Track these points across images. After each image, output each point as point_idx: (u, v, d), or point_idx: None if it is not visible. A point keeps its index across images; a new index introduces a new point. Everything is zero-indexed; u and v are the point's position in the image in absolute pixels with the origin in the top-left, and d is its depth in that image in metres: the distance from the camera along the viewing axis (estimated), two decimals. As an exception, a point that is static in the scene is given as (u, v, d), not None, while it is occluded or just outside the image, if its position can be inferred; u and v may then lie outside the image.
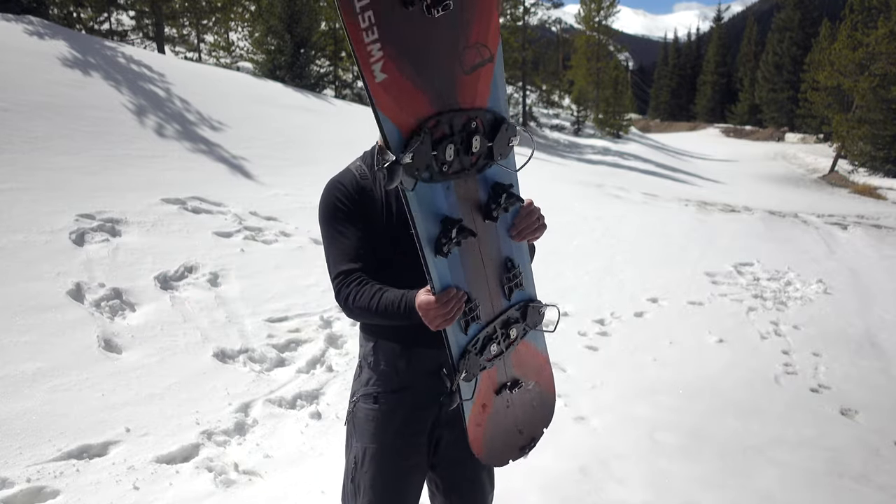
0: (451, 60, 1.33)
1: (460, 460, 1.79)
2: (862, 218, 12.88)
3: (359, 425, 1.77)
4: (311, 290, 5.17)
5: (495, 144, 1.42)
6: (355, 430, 1.78)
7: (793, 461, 3.45)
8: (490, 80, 1.39)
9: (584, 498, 2.99)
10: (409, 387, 1.73)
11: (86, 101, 7.75)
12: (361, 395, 1.77)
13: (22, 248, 4.52)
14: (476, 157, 1.42)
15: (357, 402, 1.78)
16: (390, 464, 1.72)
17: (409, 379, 1.72)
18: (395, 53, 1.25)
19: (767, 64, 44.82)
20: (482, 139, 1.40)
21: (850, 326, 5.81)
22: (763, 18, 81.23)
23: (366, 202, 1.65)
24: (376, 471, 1.72)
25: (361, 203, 1.65)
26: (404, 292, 1.53)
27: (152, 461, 2.95)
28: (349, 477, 1.79)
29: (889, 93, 22.17)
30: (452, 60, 1.33)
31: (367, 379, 1.77)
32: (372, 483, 1.72)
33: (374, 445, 1.73)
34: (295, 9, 16.95)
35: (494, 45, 1.37)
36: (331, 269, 1.66)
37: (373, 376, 1.76)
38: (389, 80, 1.26)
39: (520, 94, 31.69)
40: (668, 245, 8.64)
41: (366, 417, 1.75)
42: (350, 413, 1.81)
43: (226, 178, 7.45)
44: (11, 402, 3.13)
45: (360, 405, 1.77)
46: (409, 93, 1.29)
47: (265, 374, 3.92)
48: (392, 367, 1.73)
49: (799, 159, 28.13)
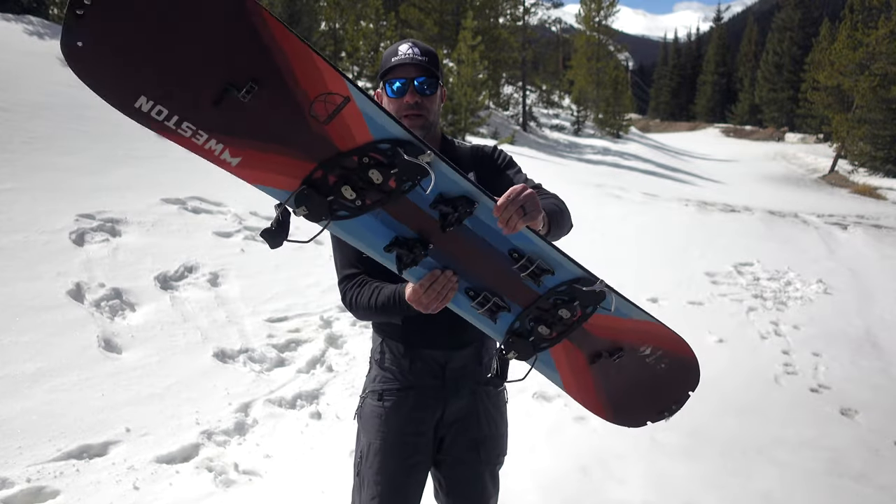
0: (300, 121, 1.30)
1: (463, 460, 1.81)
2: (862, 218, 12.88)
3: (365, 421, 1.82)
4: (311, 290, 5.17)
5: (400, 169, 1.36)
6: (362, 425, 1.83)
7: (793, 461, 3.45)
8: (360, 117, 1.33)
9: (584, 498, 2.99)
10: (413, 386, 1.76)
11: (86, 101, 7.74)
12: (369, 392, 1.82)
13: (22, 248, 4.52)
14: (394, 183, 1.37)
15: (365, 398, 1.84)
16: (392, 460, 1.75)
17: (413, 378, 1.76)
18: (234, 139, 1.29)
19: (767, 64, 44.82)
20: (381, 170, 1.35)
21: (850, 326, 5.81)
22: (763, 18, 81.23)
23: None
24: (379, 466, 1.76)
25: None
26: (396, 286, 1.60)
27: (152, 461, 2.95)
28: (356, 471, 1.84)
29: (889, 93, 22.16)
30: (301, 121, 1.30)
31: (375, 376, 1.82)
32: (375, 478, 1.76)
33: (378, 441, 1.77)
34: (295, 9, 16.96)
35: (340, 86, 1.29)
36: (337, 271, 1.76)
37: (380, 374, 1.81)
38: (246, 160, 1.31)
39: (520, 94, 31.68)
40: (668, 245, 8.64)
41: (371, 413, 1.80)
42: (358, 408, 1.86)
43: (226, 177, 7.38)
44: (11, 402, 3.13)
45: (368, 401, 1.82)
46: (275, 161, 1.32)
47: (265, 374, 3.92)
48: (397, 365, 1.77)
49: (799, 159, 28.13)
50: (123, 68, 1.21)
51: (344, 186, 1.35)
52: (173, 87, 1.23)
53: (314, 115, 1.30)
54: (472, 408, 1.80)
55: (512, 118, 30.32)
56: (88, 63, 1.19)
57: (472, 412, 1.80)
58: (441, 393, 1.76)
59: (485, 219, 1.47)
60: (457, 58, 19.68)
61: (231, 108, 1.25)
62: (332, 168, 1.34)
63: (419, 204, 1.43)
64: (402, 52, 1.65)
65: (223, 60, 1.23)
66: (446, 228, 1.44)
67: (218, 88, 1.23)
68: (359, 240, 1.45)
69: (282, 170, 1.33)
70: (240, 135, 1.29)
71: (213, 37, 1.21)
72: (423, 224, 1.45)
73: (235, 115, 1.27)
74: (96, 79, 1.22)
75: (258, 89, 1.24)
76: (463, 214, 1.43)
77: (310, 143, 1.32)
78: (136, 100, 1.24)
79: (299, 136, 1.31)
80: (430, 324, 1.66)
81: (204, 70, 1.23)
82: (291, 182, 1.34)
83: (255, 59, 1.24)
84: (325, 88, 1.29)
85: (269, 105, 1.27)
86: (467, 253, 1.51)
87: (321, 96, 1.29)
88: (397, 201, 1.41)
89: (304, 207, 1.34)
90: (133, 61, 1.20)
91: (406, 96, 1.64)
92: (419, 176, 1.38)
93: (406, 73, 1.64)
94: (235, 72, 1.23)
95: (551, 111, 37.40)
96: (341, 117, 1.32)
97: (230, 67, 1.23)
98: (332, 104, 1.30)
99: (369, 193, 1.38)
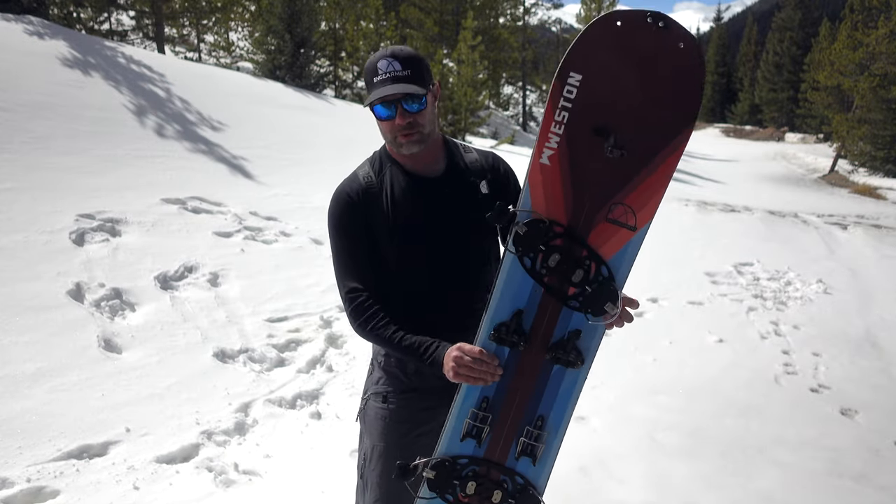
0: (601, 201, 1.47)
1: None
2: (862, 218, 12.88)
3: (369, 423, 1.81)
4: (311, 290, 5.17)
5: (590, 295, 1.50)
6: (365, 427, 1.83)
7: (793, 461, 3.45)
8: (622, 245, 1.50)
9: (584, 498, 2.98)
10: (418, 388, 1.76)
11: (86, 101, 7.75)
12: (372, 394, 1.81)
13: (22, 248, 4.52)
14: (573, 290, 1.51)
15: (368, 399, 1.83)
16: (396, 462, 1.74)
17: (417, 381, 1.76)
18: (565, 156, 1.45)
19: (767, 64, 44.81)
20: (584, 276, 1.49)
21: (850, 326, 5.80)
22: (763, 18, 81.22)
23: (373, 211, 1.67)
24: (383, 469, 1.76)
25: (368, 212, 1.67)
26: (434, 342, 1.58)
27: (152, 461, 2.95)
28: (359, 473, 1.84)
29: (889, 93, 22.13)
30: (602, 201, 1.47)
31: (378, 378, 1.81)
32: (379, 480, 1.77)
33: (382, 444, 1.77)
34: (295, 9, 16.92)
35: (643, 220, 1.48)
36: (340, 281, 1.69)
37: (383, 376, 1.80)
38: (549, 169, 1.46)
39: (520, 94, 31.68)
40: (668, 245, 8.63)
41: (375, 416, 1.79)
42: (361, 410, 1.85)
43: (226, 178, 7.44)
44: (11, 402, 3.13)
45: (371, 403, 1.81)
46: (557, 192, 1.48)
47: (265, 374, 3.92)
48: (401, 369, 1.76)
49: (799, 159, 28.12)
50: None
51: (554, 254, 1.49)
52: (600, 102, 1.42)
53: (613, 206, 1.47)
54: None
55: (512, 118, 30.34)
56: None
57: None
58: (445, 394, 1.74)
59: (567, 383, 1.57)
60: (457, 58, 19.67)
61: (594, 145, 1.43)
62: (568, 237, 1.49)
63: (560, 319, 1.54)
64: (381, 70, 1.58)
65: (635, 129, 1.43)
66: (546, 354, 1.55)
67: (607, 128, 1.42)
68: (508, 282, 1.52)
69: (551, 199, 1.48)
70: (572, 159, 1.45)
71: (653, 100, 1.41)
72: (542, 331, 1.54)
73: (589, 149, 1.44)
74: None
75: (620, 153, 1.43)
76: (565, 363, 1.55)
77: (585, 216, 1.49)
78: (573, 77, 1.42)
79: (590, 203, 1.48)
80: (436, 327, 1.67)
81: (619, 110, 1.42)
82: (543, 207, 1.49)
83: (647, 146, 1.44)
84: (637, 208, 1.47)
85: (608, 165, 1.44)
86: (525, 385, 1.57)
87: (629, 208, 1.47)
88: (557, 300, 1.52)
89: (525, 228, 1.48)
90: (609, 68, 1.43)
91: (396, 119, 1.59)
92: (589, 309, 1.51)
93: (391, 94, 1.56)
94: (626, 133, 1.42)
95: (551, 111, 37.35)
96: (616, 229, 1.48)
97: (625, 128, 1.42)
98: (625, 219, 1.48)
99: (555, 276, 1.50)
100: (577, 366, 1.55)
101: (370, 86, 1.62)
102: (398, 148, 1.65)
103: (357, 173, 1.72)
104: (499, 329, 1.52)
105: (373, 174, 1.70)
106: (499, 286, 1.52)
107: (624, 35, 1.38)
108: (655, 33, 1.37)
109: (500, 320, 1.52)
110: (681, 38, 1.38)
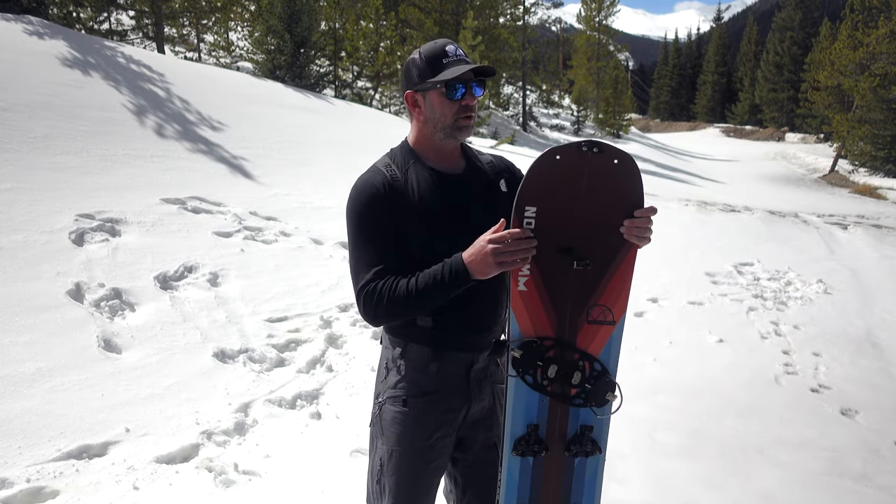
0: (580, 307, 1.62)
1: (483, 459, 1.81)
2: (862, 218, 12.88)
3: (385, 427, 1.76)
4: (311, 290, 5.17)
5: (592, 390, 1.65)
6: (382, 432, 1.77)
7: (793, 461, 3.45)
8: (607, 339, 1.65)
9: (584, 498, 2.98)
10: (439, 390, 1.72)
11: (86, 101, 7.75)
12: (388, 398, 1.75)
13: (22, 248, 4.52)
14: (574, 391, 1.65)
15: (384, 403, 1.77)
16: (416, 467, 1.73)
17: (438, 382, 1.72)
18: (539, 279, 1.59)
19: (768, 64, 44.82)
20: (583, 377, 1.64)
21: (850, 326, 5.80)
22: (763, 18, 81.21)
23: (398, 203, 1.65)
24: (402, 473, 1.73)
25: (393, 204, 1.65)
26: (444, 263, 1.57)
27: (152, 461, 2.95)
28: (375, 479, 1.79)
29: (889, 93, 22.14)
30: (580, 307, 1.62)
31: (395, 381, 1.75)
32: (397, 485, 1.73)
33: (400, 448, 1.73)
34: (295, 9, 16.92)
35: (619, 313, 1.64)
36: (358, 273, 1.64)
37: (401, 379, 1.74)
38: (527, 295, 1.59)
39: (520, 94, 31.68)
40: (668, 245, 8.63)
41: (393, 420, 1.74)
42: (376, 415, 1.79)
43: (226, 178, 7.44)
44: (11, 402, 3.13)
45: (388, 407, 1.75)
46: (539, 311, 1.62)
47: (265, 374, 3.92)
48: (422, 370, 1.72)
49: (799, 159, 28.13)
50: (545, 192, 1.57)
51: (552, 366, 1.63)
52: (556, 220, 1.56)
53: (590, 309, 1.63)
54: (493, 407, 1.80)
55: (512, 118, 30.33)
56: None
57: (493, 412, 1.80)
58: (465, 394, 1.74)
59: (590, 469, 1.71)
60: (457, 58, 19.61)
61: (562, 261, 1.58)
62: (557, 348, 1.63)
63: (570, 419, 1.69)
64: (450, 52, 1.65)
65: (593, 240, 1.58)
66: (566, 451, 1.69)
67: (569, 245, 1.58)
68: (517, 402, 1.66)
69: (537, 320, 1.62)
70: (545, 279, 1.59)
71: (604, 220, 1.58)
72: (557, 434, 1.68)
73: (558, 268, 1.59)
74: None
75: (585, 265, 1.58)
76: (584, 454, 1.69)
77: (569, 324, 1.63)
78: (529, 210, 1.55)
79: (570, 312, 1.63)
80: (461, 325, 1.66)
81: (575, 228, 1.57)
82: (531, 328, 1.63)
83: (607, 251, 1.59)
84: (611, 305, 1.63)
85: (578, 277, 1.60)
86: (555, 486, 1.71)
87: (605, 307, 1.63)
88: (563, 403, 1.67)
89: (521, 351, 1.62)
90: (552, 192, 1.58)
91: (465, 99, 1.65)
92: (593, 402, 1.66)
93: (464, 75, 1.64)
94: (585, 246, 1.57)
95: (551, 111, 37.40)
96: (598, 328, 1.64)
97: (583, 242, 1.57)
98: (604, 317, 1.64)
99: (557, 384, 1.65)
100: (595, 454, 1.70)
101: (437, 67, 1.64)
102: (455, 133, 1.68)
103: (378, 167, 1.71)
104: (518, 444, 1.66)
105: (396, 168, 1.69)
106: (509, 407, 1.66)
107: (564, 166, 1.54)
108: (592, 158, 1.55)
109: (517, 436, 1.66)
110: (615, 156, 1.58)
